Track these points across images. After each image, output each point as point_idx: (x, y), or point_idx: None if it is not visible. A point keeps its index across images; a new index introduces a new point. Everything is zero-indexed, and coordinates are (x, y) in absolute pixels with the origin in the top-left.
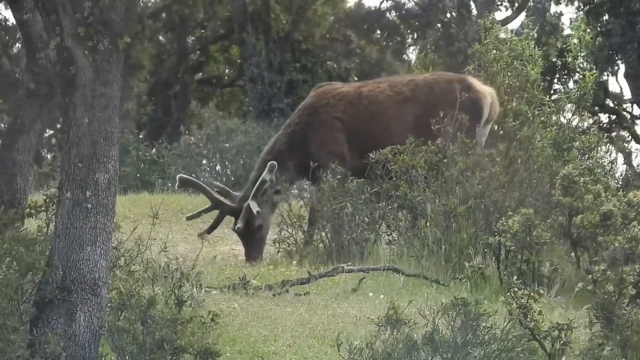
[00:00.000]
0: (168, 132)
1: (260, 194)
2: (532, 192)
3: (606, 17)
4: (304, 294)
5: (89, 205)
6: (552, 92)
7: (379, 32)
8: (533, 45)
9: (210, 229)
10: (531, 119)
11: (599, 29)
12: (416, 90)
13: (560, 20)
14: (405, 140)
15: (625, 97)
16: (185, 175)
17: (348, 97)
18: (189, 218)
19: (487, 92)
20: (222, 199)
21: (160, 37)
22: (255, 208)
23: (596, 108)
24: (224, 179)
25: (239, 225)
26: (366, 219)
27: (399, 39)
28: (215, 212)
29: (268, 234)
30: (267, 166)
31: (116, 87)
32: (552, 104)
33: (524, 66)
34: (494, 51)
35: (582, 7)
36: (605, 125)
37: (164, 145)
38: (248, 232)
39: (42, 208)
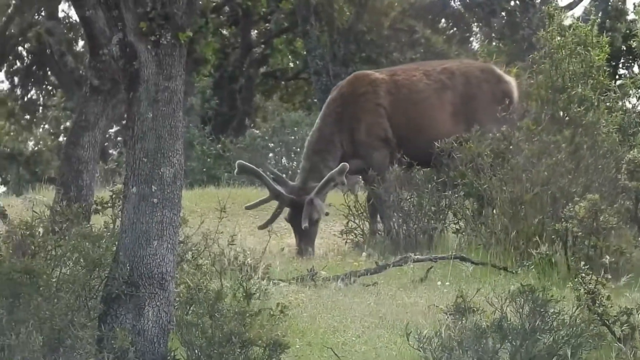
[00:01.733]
0: (233, 126)
1: (323, 192)
2: (598, 178)
3: None
4: (372, 285)
5: (155, 200)
6: (617, 77)
7: (443, 21)
8: (597, 31)
9: (270, 222)
10: (596, 104)
11: None
12: (453, 78)
13: (625, 5)
14: (445, 128)
15: None
16: (244, 162)
17: (385, 85)
18: (248, 207)
19: (513, 82)
20: (280, 189)
21: (224, 31)
22: (323, 210)
23: None
24: (289, 172)
25: (305, 225)
26: (432, 208)
27: (464, 27)
28: (275, 203)
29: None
30: (339, 167)
31: (180, 81)
32: (617, 89)
33: (588, 52)
34: (558, 38)
35: None
36: None
37: (229, 139)
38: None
39: (109, 204)
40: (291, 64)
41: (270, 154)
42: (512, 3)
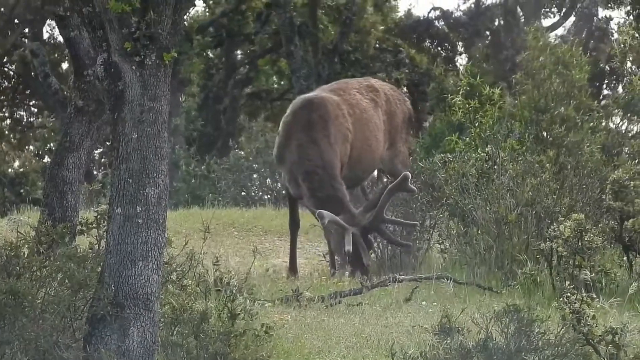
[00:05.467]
0: (218, 147)
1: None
2: (582, 198)
3: None
4: (357, 305)
5: (140, 221)
6: (601, 97)
7: (428, 41)
8: (580, 51)
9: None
10: (579, 124)
11: None
12: (380, 97)
13: (609, 25)
14: (381, 147)
15: None
16: (325, 212)
17: (343, 107)
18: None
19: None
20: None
21: (209, 52)
22: (412, 224)
23: None
24: (274, 193)
25: (407, 244)
26: (417, 227)
27: (449, 47)
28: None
29: None
30: (402, 176)
31: (165, 101)
32: (601, 110)
33: (569, 72)
34: (540, 58)
35: (631, 11)
36: None
37: (214, 160)
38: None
39: (93, 225)
40: (276, 85)
41: (255, 175)
42: (497, 23)
